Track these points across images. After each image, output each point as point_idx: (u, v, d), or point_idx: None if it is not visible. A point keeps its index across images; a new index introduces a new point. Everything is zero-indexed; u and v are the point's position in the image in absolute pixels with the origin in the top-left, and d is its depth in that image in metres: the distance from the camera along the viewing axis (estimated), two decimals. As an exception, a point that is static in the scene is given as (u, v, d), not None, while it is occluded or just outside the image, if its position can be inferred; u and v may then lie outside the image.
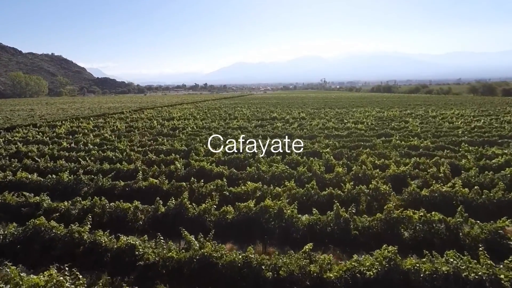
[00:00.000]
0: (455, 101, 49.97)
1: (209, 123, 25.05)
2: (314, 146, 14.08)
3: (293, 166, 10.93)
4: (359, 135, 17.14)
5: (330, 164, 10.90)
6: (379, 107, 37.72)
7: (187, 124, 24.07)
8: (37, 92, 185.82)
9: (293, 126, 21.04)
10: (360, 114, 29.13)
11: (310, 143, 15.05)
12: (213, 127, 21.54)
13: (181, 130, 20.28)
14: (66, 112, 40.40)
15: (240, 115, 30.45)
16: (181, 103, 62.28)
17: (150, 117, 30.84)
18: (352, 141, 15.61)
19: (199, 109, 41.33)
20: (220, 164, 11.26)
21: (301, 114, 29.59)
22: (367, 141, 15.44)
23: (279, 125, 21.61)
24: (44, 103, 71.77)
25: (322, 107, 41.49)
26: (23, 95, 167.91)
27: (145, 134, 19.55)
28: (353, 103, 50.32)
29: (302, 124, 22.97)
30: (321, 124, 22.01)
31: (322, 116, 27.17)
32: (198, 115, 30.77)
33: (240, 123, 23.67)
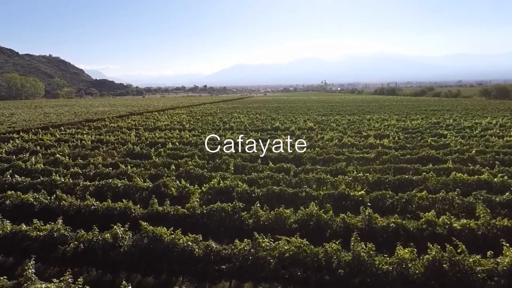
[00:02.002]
0: (474, 105, 45.58)
1: (198, 135, 20.69)
2: (336, 182, 9.70)
3: (316, 230, 6.54)
4: (392, 158, 12.75)
5: (376, 226, 6.53)
6: (394, 113, 33.33)
7: (171, 136, 19.70)
8: (33, 94, 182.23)
9: (302, 142, 16.60)
10: (378, 123, 24.74)
11: (329, 174, 10.68)
12: (200, 143, 17.16)
13: (160, 147, 15.91)
14: (46, 118, 36.14)
15: (237, 124, 26.08)
16: (175, 106, 58.04)
17: (132, 125, 26.48)
18: (387, 170, 11.22)
19: (191, 115, 36.96)
20: (193, 227, 6.87)
21: (308, 123, 25.20)
22: (408, 170, 11.06)
23: (284, 140, 17.20)
24: (33, 106, 67.72)
25: (330, 112, 37.13)
26: (18, 97, 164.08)
27: (111, 154, 15.17)
28: (362, 107, 45.98)
29: (311, 138, 18.58)
30: (336, 138, 17.61)
31: (333, 127, 22.78)
32: (188, 124, 26.40)
33: (234, 136, 19.28)
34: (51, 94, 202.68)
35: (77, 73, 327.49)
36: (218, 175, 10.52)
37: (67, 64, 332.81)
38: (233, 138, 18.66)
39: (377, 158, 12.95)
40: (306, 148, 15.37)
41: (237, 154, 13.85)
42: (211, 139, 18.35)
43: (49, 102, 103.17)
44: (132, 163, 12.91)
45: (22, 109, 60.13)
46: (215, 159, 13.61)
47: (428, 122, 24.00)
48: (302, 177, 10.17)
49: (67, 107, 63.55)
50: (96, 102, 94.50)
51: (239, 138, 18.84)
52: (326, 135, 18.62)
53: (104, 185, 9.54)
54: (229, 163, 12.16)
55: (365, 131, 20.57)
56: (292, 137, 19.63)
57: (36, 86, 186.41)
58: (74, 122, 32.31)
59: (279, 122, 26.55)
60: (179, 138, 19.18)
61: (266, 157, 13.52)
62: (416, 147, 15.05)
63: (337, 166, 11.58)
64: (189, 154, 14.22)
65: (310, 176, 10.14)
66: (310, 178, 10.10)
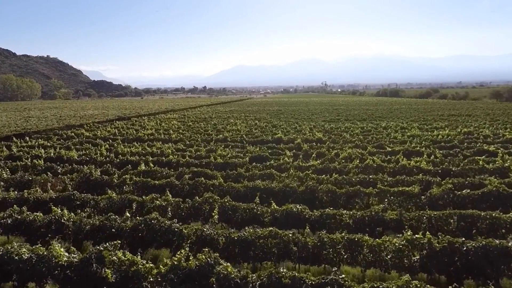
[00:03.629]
0: (491, 109, 41.83)
1: (183, 149, 16.94)
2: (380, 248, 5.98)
3: None
4: (446, 195, 8.97)
5: None
6: (411, 120, 29.57)
7: (149, 152, 15.95)
8: (29, 95, 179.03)
9: (313, 165, 12.79)
10: (398, 132, 21.01)
11: (362, 225, 6.96)
12: (181, 163, 13.43)
13: (129, 170, 12.19)
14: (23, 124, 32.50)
15: (232, 133, 22.34)
16: (170, 109, 54.41)
17: (111, 135, 22.74)
18: (447, 218, 7.47)
19: (183, 121, 33.25)
20: None
21: (316, 132, 21.44)
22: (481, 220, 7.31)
23: (289, 160, 13.43)
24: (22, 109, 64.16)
25: (337, 118, 33.39)
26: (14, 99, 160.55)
27: (62, 181, 11.43)
28: (369, 111, 42.27)
29: (323, 156, 14.84)
30: (356, 157, 13.87)
31: (347, 138, 19.01)
32: (176, 133, 22.65)
33: (227, 152, 15.51)
34: (48, 95, 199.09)
35: (75, 74, 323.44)
36: (193, 230, 6.78)
37: (65, 65, 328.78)
38: (225, 155, 14.91)
39: (423, 193, 9.21)
40: (319, 174, 11.63)
41: (227, 186, 10.09)
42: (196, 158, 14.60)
43: (43, 103, 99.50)
44: (79, 199, 9.19)
45: (8, 111, 56.43)
46: (196, 192, 9.89)
47: (458, 132, 20.24)
48: (324, 238, 6.42)
49: (56, 110, 59.98)
50: (90, 104, 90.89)
51: (233, 153, 15.11)
52: (342, 152, 14.84)
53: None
54: (213, 203, 8.42)
55: (387, 144, 16.83)
56: (298, 152, 15.89)
57: (32, 87, 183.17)
58: (51, 128, 28.64)
59: (282, 131, 22.81)
60: (158, 155, 15.42)
61: (267, 189, 9.79)
62: (468, 172, 11.30)
63: (371, 211, 7.82)
64: (163, 183, 10.47)
65: (337, 237, 6.39)
66: (337, 240, 6.36)
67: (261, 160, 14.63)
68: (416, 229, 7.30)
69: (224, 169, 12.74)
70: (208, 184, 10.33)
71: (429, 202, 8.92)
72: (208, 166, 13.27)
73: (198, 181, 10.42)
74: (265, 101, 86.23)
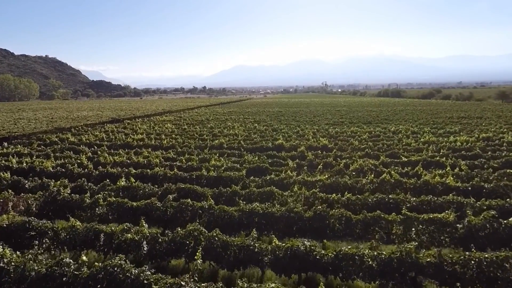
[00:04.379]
0: (501, 111, 40.05)
1: (173, 157, 15.18)
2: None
3: None
4: (488, 224, 7.20)
5: None
6: (421, 123, 27.81)
7: (134, 162, 14.17)
8: (27, 96, 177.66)
9: (320, 180, 11.00)
10: (410, 138, 19.23)
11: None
12: (168, 176, 11.67)
13: (107, 186, 10.43)
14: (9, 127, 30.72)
15: (229, 138, 20.57)
16: (167, 111, 52.70)
17: (97, 140, 20.96)
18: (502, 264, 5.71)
19: (178, 123, 31.49)
20: None
21: (320, 138, 19.65)
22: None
23: (292, 174, 11.65)
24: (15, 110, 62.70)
25: (340, 120, 31.62)
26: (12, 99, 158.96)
27: (25, 201, 9.67)
28: (374, 112, 40.51)
29: (331, 166, 13.09)
30: (369, 170, 12.11)
31: (356, 145, 17.23)
32: (167, 139, 20.87)
33: (222, 163, 13.73)
34: (46, 96, 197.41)
35: (74, 74, 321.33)
36: (168, 285, 5.02)
37: (63, 65, 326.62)
38: (220, 166, 13.14)
39: (459, 221, 7.44)
40: (328, 191, 9.88)
41: (218, 210, 8.32)
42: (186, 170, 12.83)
43: (39, 104, 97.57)
44: (35, 228, 7.42)
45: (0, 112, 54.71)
46: (182, 217, 8.13)
47: (476, 138, 18.46)
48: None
49: (50, 111, 58.23)
50: (87, 104, 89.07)
51: (228, 164, 13.34)
52: (352, 163, 13.07)
53: None
54: (199, 238, 6.66)
55: (401, 153, 15.05)
56: (302, 161, 14.13)
57: (30, 87, 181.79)
58: (38, 131, 26.88)
59: (283, 135, 21.04)
60: (144, 165, 13.65)
61: (267, 214, 8.03)
62: (504, 190, 9.54)
63: (401, 251, 6.05)
64: (142, 206, 8.71)
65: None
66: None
67: (260, 172, 12.87)
68: (462, 281, 5.55)
69: (217, 185, 10.97)
70: (196, 206, 8.56)
71: (468, 233, 7.17)
72: (198, 181, 11.51)
73: (184, 203, 8.65)
74: (265, 102, 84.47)
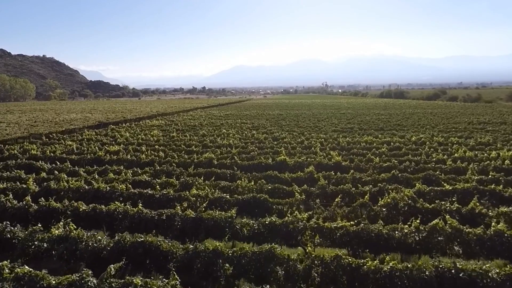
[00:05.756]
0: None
1: (147, 180, 11.81)
2: None
3: None
4: None
5: None
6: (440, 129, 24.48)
7: (92, 190, 10.82)
8: (23, 96, 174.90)
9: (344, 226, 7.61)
10: (437, 151, 15.91)
11: None
12: (130, 215, 8.35)
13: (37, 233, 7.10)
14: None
15: (221, 151, 17.23)
16: (161, 113, 49.52)
17: (62, 154, 17.62)
18: None
19: (167, 130, 28.16)
20: None
21: (331, 152, 16.28)
22: None
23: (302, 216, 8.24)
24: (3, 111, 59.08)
25: (348, 126, 28.26)
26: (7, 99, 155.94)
27: None
28: (383, 116, 37.19)
29: (351, 197, 9.77)
30: (406, 203, 8.77)
31: (376, 162, 13.88)
32: (147, 152, 17.52)
33: (206, 192, 10.34)
34: (43, 96, 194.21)
35: (71, 74, 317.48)
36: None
37: (61, 65, 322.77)
38: (203, 196, 9.79)
39: None
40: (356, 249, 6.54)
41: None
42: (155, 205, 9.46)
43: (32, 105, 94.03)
44: None
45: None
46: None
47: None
48: None
49: (39, 113, 54.96)
50: (81, 105, 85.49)
51: (214, 194, 10.00)
52: (380, 192, 9.71)
53: None
54: None
55: (439, 176, 11.69)
56: (311, 188, 10.81)
57: (26, 87, 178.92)
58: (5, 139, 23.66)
59: (285, 147, 17.69)
60: (103, 194, 10.30)
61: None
62: None
63: None
64: (64, 285, 5.37)
65: None
66: None
67: (256, 206, 9.55)
68: None
69: (195, 232, 7.64)
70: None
71: None
72: (169, 224, 8.18)
73: (131, 284, 5.30)
74: (265, 103, 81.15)
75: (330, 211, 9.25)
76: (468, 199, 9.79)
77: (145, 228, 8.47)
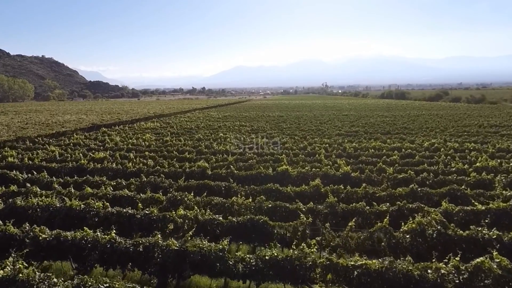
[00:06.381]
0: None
1: (126, 199, 10.28)
2: None
3: None
4: None
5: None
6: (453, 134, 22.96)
7: (64, 208, 9.28)
8: (21, 97, 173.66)
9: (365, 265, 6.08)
10: (456, 160, 14.36)
11: None
12: (101, 245, 6.79)
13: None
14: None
15: (217, 158, 15.70)
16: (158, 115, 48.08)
17: (41, 162, 16.07)
18: None
19: (161, 133, 26.64)
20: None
21: (338, 160, 14.73)
22: None
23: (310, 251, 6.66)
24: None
25: (353, 129, 26.74)
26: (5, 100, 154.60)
27: None
28: (388, 119, 35.68)
29: (364, 217, 8.24)
30: (434, 229, 7.21)
31: (390, 172, 12.33)
32: (135, 159, 15.98)
33: (195, 213, 8.80)
34: (41, 97, 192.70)
35: (70, 74, 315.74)
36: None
37: (60, 65, 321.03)
38: (191, 218, 8.25)
39: None
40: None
41: None
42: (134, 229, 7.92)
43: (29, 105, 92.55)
44: None
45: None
46: None
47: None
48: None
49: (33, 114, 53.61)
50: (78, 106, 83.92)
51: (205, 215, 8.47)
52: (405, 223, 8.11)
53: None
54: None
55: (464, 191, 10.16)
56: (318, 207, 9.27)
57: (25, 88, 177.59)
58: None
59: (287, 154, 16.16)
60: (76, 214, 8.77)
61: None
62: None
63: None
64: None
65: None
66: None
67: (254, 231, 8.01)
68: None
69: (177, 269, 6.11)
70: None
71: None
72: (145, 262, 6.63)
73: None
74: (265, 104, 79.63)
75: (342, 238, 7.73)
76: (503, 222, 8.30)
77: (119, 261, 6.95)
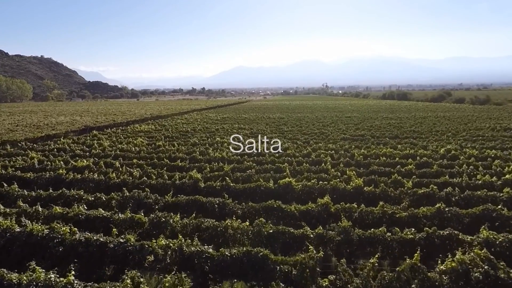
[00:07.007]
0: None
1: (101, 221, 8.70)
2: None
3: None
4: None
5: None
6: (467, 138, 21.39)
7: (24, 234, 7.73)
8: (20, 97, 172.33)
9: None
10: (483, 173, 12.78)
11: None
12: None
13: None
14: None
15: (212, 167, 14.09)
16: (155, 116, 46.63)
17: (16, 172, 14.50)
18: None
19: (154, 137, 25.06)
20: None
21: (345, 169, 13.13)
22: None
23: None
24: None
25: (358, 133, 25.15)
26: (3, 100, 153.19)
27: None
28: (393, 121, 34.10)
29: (388, 250, 6.65)
30: (487, 277, 5.62)
31: (408, 186, 10.74)
32: (121, 169, 14.40)
33: (180, 242, 7.20)
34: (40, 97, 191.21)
35: (70, 74, 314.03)
36: None
37: (59, 65, 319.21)
38: (176, 248, 6.69)
39: None
40: None
41: None
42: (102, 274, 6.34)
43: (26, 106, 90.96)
44: None
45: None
46: None
47: None
48: None
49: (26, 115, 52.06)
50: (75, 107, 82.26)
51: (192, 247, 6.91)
52: (443, 262, 6.51)
53: None
54: None
55: (503, 213, 8.58)
56: (331, 232, 7.69)
57: (23, 88, 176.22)
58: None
59: (289, 163, 14.57)
60: (39, 240, 7.20)
61: None
62: None
63: None
64: None
65: None
66: None
67: (252, 268, 6.42)
68: None
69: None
70: None
71: None
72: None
73: None
74: (265, 105, 78.03)
75: (362, 278, 6.14)
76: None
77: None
